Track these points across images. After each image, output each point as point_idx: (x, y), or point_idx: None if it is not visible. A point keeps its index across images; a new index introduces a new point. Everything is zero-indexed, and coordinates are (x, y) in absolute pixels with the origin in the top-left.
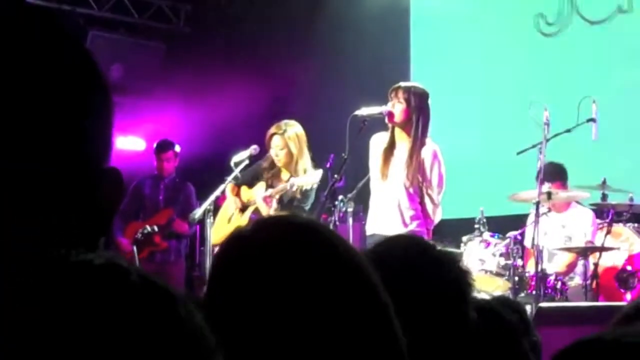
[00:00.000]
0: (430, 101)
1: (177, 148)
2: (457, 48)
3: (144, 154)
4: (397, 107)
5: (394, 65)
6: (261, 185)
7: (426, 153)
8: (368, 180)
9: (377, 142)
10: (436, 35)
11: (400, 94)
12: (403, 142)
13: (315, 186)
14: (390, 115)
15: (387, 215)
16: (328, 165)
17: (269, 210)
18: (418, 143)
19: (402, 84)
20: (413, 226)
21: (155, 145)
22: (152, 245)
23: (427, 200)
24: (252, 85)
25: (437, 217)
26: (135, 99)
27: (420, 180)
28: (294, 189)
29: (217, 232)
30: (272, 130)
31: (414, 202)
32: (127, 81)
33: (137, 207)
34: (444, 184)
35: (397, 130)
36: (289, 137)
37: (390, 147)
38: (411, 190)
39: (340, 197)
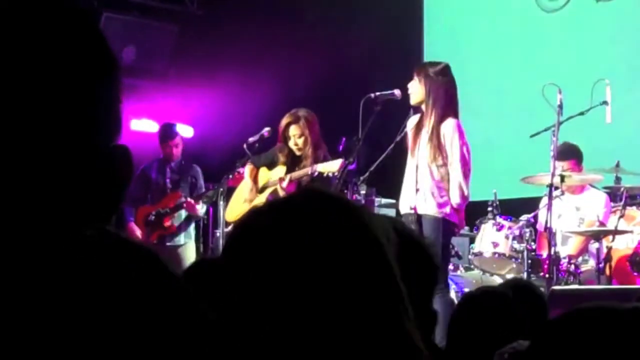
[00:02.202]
0: (450, 75)
1: (181, 130)
2: (470, 30)
3: (157, 136)
4: (412, 86)
5: (407, 46)
6: (281, 169)
7: (446, 128)
8: (381, 163)
9: (411, 123)
10: (449, 17)
11: (415, 74)
12: (427, 120)
13: (336, 174)
14: (410, 96)
15: (418, 193)
16: (340, 148)
17: (285, 193)
18: (436, 120)
19: (420, 64)
20: (438, 205)
21: (160, 132)
22: (161, 229)
23: (450, 177)
24: (265, 68)
25: (465, 195)
26: (148, 81)
27: (445, 156)
28: (316, 174)
29: (233, 210)
30: (286, 120)
31: (439, 180)
32: (140, 63)
33: (145, 191)
34: (468, 159)
35: (423, 109)
36: (303, 123)
37: (418, 126)
38: (435, 167)
39: (353, 179)
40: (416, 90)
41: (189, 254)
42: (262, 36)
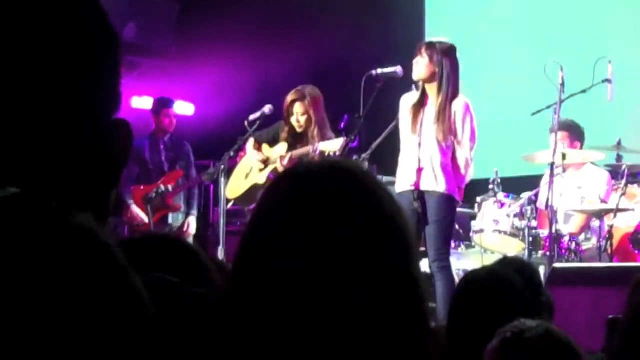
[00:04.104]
0: (457, 55)
1: (178, 107)
2: (471, 9)
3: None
4: (420, 62)
5: (408, 24)
6: (282, 146)
7: (457, 106)
8: (383, 141)
9: (407, 100)
10: None
11: (424, 50)
12: (433, 97)
13: (338, 152)
14: (414, 71)
15: (423, 172)
16: (342, 126)
17: None
18: (446, 97)
19: (427, 40)
20: (445, 184)
21: (158, 101)
22: (166, 208)
23: (459, 155)
24: (267, 46)
25: (470, 173)
26: (150, 58)
27: (454, 135)
28: (317, 152)
29: (233, 187)
30: (292, 96)
31: (447, 158)
32: (141, 40)
33: (139, 171)
34: (476, 138)
35: (427, 87)
36: (309, 102)
37: (420, 103)
38: (444, 145)
39: (355, 157)
40: (423, 66)
41: (191, 230)
42: (264, 14)
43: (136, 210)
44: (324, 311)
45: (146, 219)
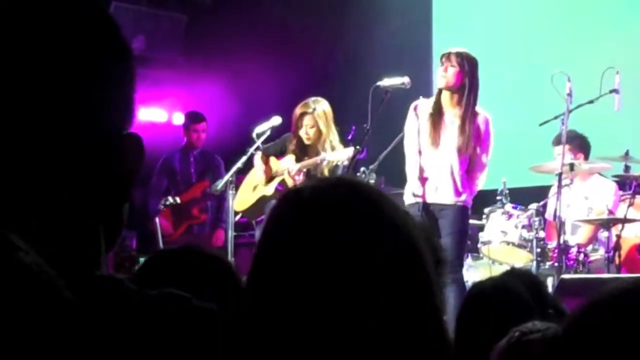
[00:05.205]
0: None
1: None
2: (479, 18)
3: (166, 126)
4: (449, 70)
5: (415, 35)
6: (290, 158)
7: (481, 120)
8: (390, 152)
9: (421, 109)
10: (457, 5)
11: (453, 59)
12: (452, 107)
13: (346, 163)
14: (442, 78)
15: (438, 183)
16: (350, 137)
17: (295, 183)
18: (470, 109)
19: (454, 49)
20: (464, 195)
21: (188, 116)
22: (191, 219)
23: (477, 167)
24: (274, 57)
25: (480, 185)
26: (157, 70)
27: (473, 147)
28: (324, 163)
29: (241, 199)
30: (301, 109)
31: (464, 170)
32: (149, 53)
33: (168, 182)
34: (490, 153)
35: (445, 96)
36: (318, 115)
37: (439, 112)
38: (464, 156)
39: (362, 168)
40: (452, 75)
41: (216, 243)
42: (270, 25)
43: (160, 220)
44: (330, 316)
45: (170, 230)
